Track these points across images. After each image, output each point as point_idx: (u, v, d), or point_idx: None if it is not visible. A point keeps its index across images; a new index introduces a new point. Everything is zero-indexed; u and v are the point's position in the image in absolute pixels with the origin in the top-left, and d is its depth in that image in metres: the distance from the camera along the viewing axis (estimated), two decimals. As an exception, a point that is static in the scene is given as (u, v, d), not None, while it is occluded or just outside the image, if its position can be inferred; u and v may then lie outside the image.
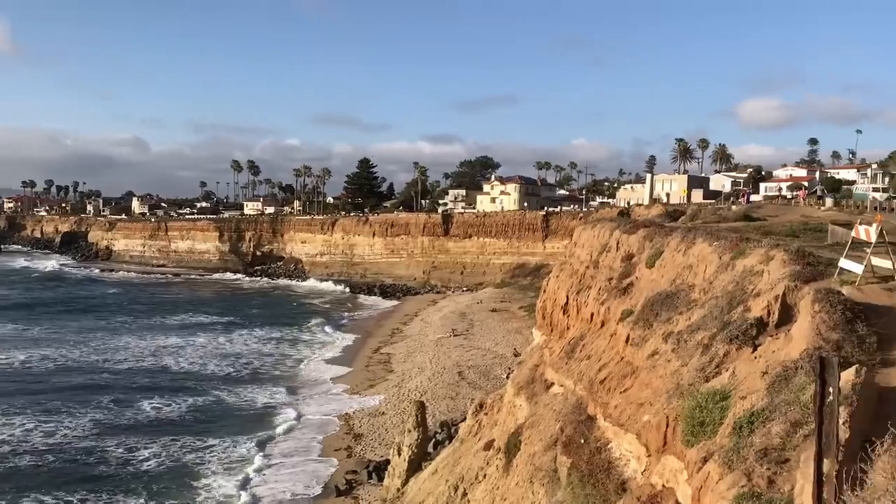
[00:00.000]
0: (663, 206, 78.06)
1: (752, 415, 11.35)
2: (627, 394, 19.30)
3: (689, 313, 19.97)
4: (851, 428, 8.86)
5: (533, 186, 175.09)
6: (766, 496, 8.81)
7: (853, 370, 10.49)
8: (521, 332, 74.08)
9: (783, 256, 18.47)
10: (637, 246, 29.97)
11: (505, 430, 28.10)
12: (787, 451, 9.75)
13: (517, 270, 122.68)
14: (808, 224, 34.68)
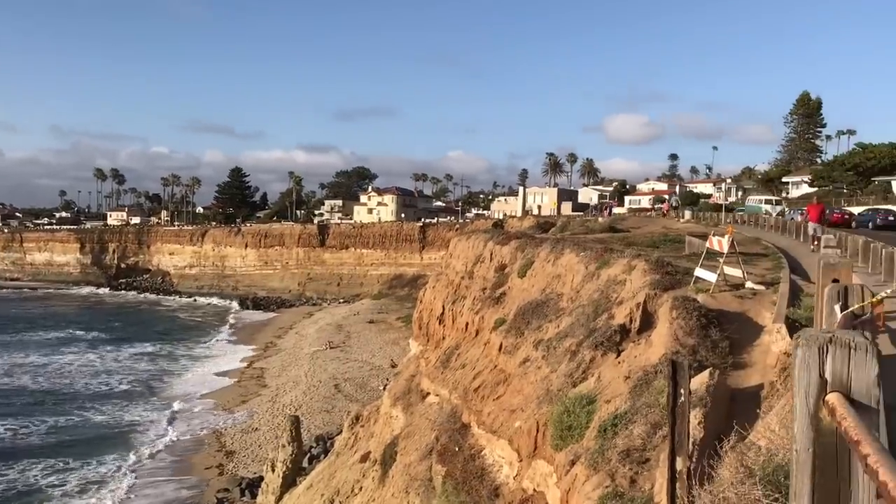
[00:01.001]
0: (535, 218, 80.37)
1: (616, 417, 11.85)
2: (500, 401, 19.69)
3: (558, 321, 20.63)
4: (706, 428, 9.41)
5: (410, 198, 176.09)
6: (628, 495, 9.21)
7: (707, 373, 11.14)
8: (398, 343, 74.14)
9: (644, 266, 19.39)
10: (510, 257, 30.71)
11: (381, 441, 28.05)
12: (648, 452, 10.24)
13: (394, 281, 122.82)
14: (668, 235, 36.54)
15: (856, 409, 2.20)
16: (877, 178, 79.27)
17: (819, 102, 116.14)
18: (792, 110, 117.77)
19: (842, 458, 2.25)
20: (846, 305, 4.63)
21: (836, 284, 5.13)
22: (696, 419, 9.71)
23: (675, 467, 6.46)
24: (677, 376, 6.46)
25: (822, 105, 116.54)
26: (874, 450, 1.73)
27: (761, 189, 72.15)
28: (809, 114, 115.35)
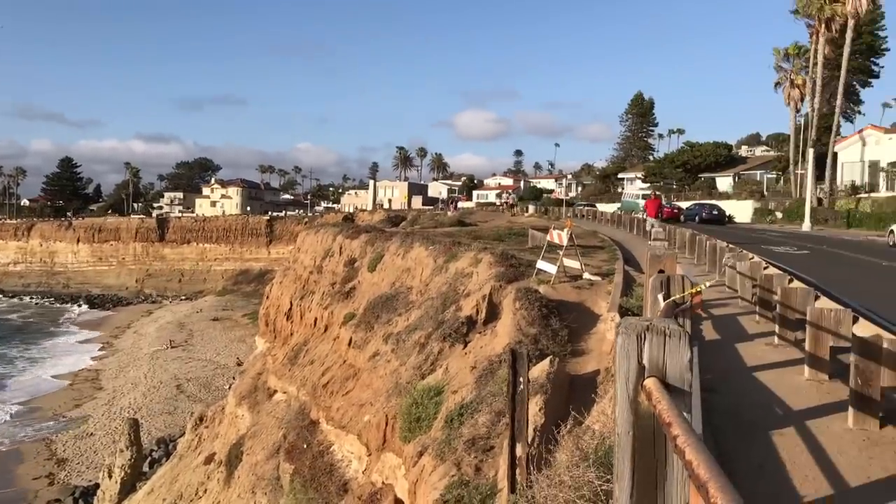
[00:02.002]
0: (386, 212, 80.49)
1: (462, 407, 12.09)
2: (349, 396, 19.61)
3: (408, 314, 20.79)
4: (546, 414, 9.78)
5: (256, 190, 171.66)
6: (473, 483, 9.41)
7: (547, 361, 11.58)
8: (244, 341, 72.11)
9: (490, 259, 19.89)
10: (359, 251, 30.59)
11: (226, 441, 27.22)
12: (493, 439, 10.52)
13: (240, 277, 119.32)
14: (513, 229, 37.66)
15: (670, 393, 2.35)
16: (703, 175, 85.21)
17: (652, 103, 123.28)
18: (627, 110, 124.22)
19: (658, 440, 2.39)
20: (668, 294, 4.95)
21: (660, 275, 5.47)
22: (537, 406, 10.07)
23: (515, 454, 6.66)
24: (517, 365, 6.66)
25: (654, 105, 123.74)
26: (683, 431, 1.84)
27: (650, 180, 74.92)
28: (643, 113, 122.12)
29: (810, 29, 58.81)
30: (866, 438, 6.66)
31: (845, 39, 54.88)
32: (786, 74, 65.10)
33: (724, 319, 13.26)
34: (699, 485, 1.56)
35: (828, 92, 60.49)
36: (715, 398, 7.89)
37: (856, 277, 20.37)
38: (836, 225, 49.99)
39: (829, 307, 8.93)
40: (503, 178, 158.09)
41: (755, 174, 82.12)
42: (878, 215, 46.82)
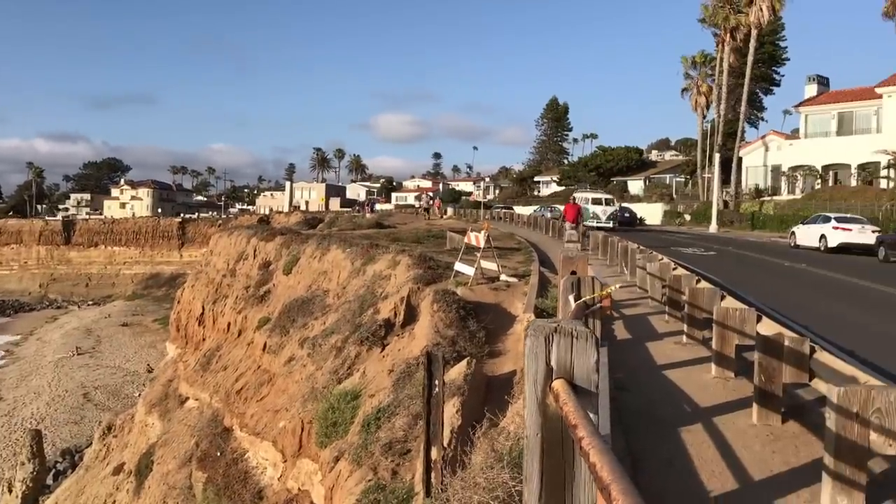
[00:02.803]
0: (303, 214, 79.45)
1: (380, 411, 12.01)
2: (264, 402, 19.24)
3: (325, 318, 20.54)
4: (463, 415, 9.79)
5: (168, 191, 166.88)
6: (389, 487, 9.35)
7: (465, 362, 11.62)
8: (155, 347, 69.92)
9: (408, 261, 19.85)
10: (274, 253, 30.09)
11: (136, 451, 26.32)
12: (410, 443, 10.48)
13: (151, 281, 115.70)
14: (432, 231, 37.71)
15: (578, 395, 2.36)
16: (615, 178, 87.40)
17: (566, 108, 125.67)
18: (542, 114, 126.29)
19: (566, 441, 2.39)
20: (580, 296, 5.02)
21: (571, 276, 5.54)
22: (454, 408, 10.08)
23: (431, 457, 6.63)
24: (432, 368, 6.64)
25: (568, 110, 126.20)
26: (588, 433, 1.84)
27: (592, 186, 75.21)
28: (558, 118, 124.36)
29: (716, 38, 61.04)
30: (770, 433, 6.90)
31: (749, 48, 57.18)
32: (693, 81, 67.39)
33: (636, 319, 13.57)
34: (602, 487, 1.55)
35: (733, 99, 62.86)
36: (626, 397, 8.05)
37: (760, 277, 21.18)
38: (742, 227, 51.98)
39: (735, 307, 9.23)
40: (422, 181, 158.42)
41: (665, 178, 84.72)
42: (780, 217, 48.89)
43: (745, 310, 8.91)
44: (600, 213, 43.68)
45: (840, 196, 48.84)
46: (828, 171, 57.41)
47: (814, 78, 61.71)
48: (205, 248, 57.31)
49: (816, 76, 61.79)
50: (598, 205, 44.50)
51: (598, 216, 43.23)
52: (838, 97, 58.48)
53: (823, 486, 5.20)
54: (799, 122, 62.07)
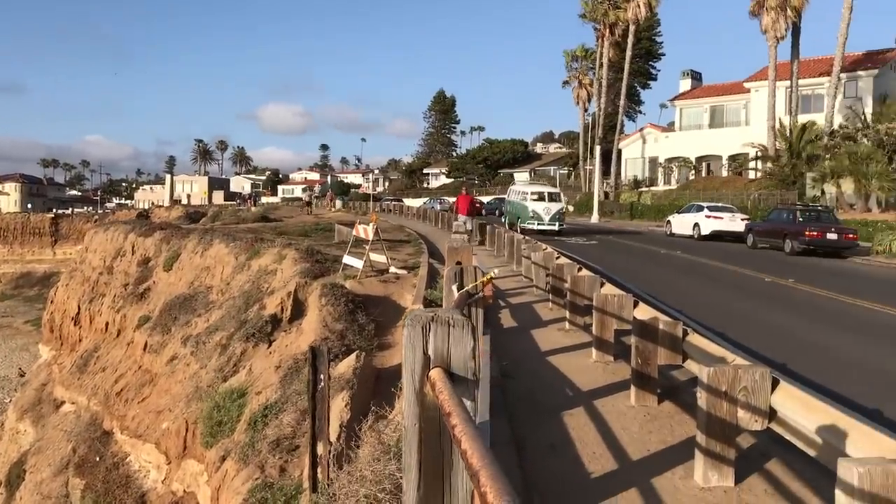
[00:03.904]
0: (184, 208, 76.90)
1: (267, 408, 11.78)
2: (146, 403, 18.54)
3: (208, 315, 19.97)
4: (352, 409, 9.73)
5: (38, 186, 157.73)
6: (277, 485, 9.19)
7: (354, 356, 11.54)
8: (28, 350, 65.98)
9: (295, 255, 19.54)
10: (154, 249, 29.00)
11: (6, 461, 24.85)
12: (298, 439, 10.33)
13: (21, 280, 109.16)
14: (319, 224, 37.27)
15: (455, 383, 2.37)
16: (502, 170, 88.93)
17: (453, 100, 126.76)
18: (430, 107, 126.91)
19: (444, 430, 2.40)
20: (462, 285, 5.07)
21: (453, 266, 5.58)
22: (343, 402, 10.00)
23: (317, 452, 6.56)
24: (317, 362, 6.56)
25: (455, 103, 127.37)
26: (461, 420, 1.85)
27: (537, 181, 74.37)
28: (445, 110, 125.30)
29: (596, 33, 62.93)
30: (647, 414, 7.18)
31: (627, 43, 59.23)
32: (574, 75, 69.30)
33: (522, 307, 13.84)
34: (472, 473, 1.56)
35: (612, 92, 65.02)
36: (512, 383, 8.20)
37: (637, 264, 21.99)
38: (622, 216, 53.89)
39: (613, 293, 9.56)
40: (310, 173, 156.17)
41: (549, 169, 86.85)
42: (657, 207, 50.95)
43: (622, 296, 9.23)
44: (542, 212, 32.53)
45: (712, 186, 51.37)
46: (701, 163, 60.28)
47: (688, 73, 64.58)
48: (80, 245, 54.59)
49: (690, 71, 64.69)
50: (539, 201, 33.24)
51: (538, 216, 32.40)
52: (710, 91, 61.45)
53: (696, 463, 5.46)
54: (674, 116, 64.86)
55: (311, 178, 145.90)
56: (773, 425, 5.24)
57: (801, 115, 46.68)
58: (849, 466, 3.34)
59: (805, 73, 49.00)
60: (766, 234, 28.54)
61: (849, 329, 12.55)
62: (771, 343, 10.89)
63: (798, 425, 4.86)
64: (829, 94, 44.68)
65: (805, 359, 9.87)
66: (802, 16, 46.53)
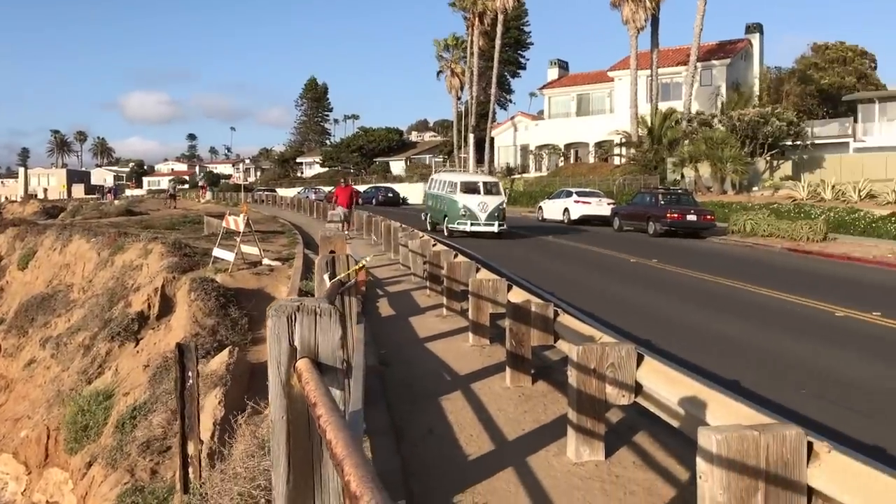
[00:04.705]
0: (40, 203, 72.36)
1: (135, 409, 11.28)
2: (2, 411, 17.38)
3: (69, 314, 18.92)
4: (226, 406, 9.45)
5: None
6: (148, 488, 8.82)
7: (227, 352, 11.21)
8: None
9: (161, 249, 18.76)
10: (7, 247, 27.19)
11: None
12: (169, 440, 9.94)
13: None
14: (188, 216, 35.98)
15: (323, 373, 2.32)
16: (378, 159, 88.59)
17: (326, 88, 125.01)
18: (302, 94, 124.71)
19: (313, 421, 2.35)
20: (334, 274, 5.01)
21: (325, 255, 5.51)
22: (216, 399, 9.71)
23: (188, 452, 6.33)
24: (184, 359, 6.32)
25: (328, 90, 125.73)
26: (326, 410, 1.81)
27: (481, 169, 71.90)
28: (318, 98, 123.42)
29: (466, 21, 63.59)
30: (521, 394, 7.34)
31: (496, 32, 60.16)
32: (447, 64, 69.81)
33: (399, 295, 13.86)
34: (336, 462, 1.52)
35: (484, 81, 65.93)
36: (390, 371, 8.20)
37: (510, 250, 22.44)
38: (496, 203, 54.75)
39: (488, 278, 9.71)
40: (177, 164, 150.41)
41: (425, 158, 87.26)
42: (529, 193, 52.16)
43: (497, 280, 9.39)
44: (476, 209, 25.03)
45: (580, 172, 53.09)
46: (570, 149, 62.18)
47: (555, 62, 66.36)
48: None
49: (557, 60, 66.50)
50: (471, 193, 25.48)
51: (472, 214, 25.02)
52: (576, 80, 63.39)
53: (569, 439, 5.62)
54: (543, 104, 66.51)
55: (179, 168, 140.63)
56: (639, 399, 5.46)
57: (661, 103, 48.90)
58: (707, 434, 3.50)
59: (664, 63, 51.33)
60: (631, 218, 29.79)
61: (708, 305, 13.28)
62: (637, 320, 11.38)
63: (662, 398, 5.08)
64: (686, 82, 47.03)
65: (668, 335, 10.37)
66: (661, 7, 48.71)
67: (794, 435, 3.51)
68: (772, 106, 44.17)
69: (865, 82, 56.25)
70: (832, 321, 11.57)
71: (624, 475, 5.28)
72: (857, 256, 20.77)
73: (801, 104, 49.24)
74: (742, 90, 50.40)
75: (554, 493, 4.94)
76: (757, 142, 40.99)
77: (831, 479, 3.44)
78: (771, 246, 24.05)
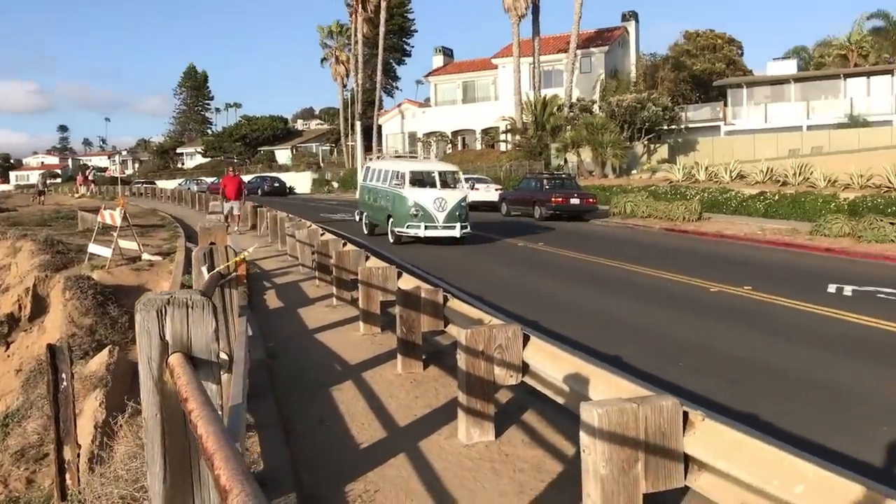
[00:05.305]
0: None
1: (7, 416, 10.68)
2: None
3: (-70, 320, 17.66)
4: (108, 408, 9.06)
5: None
6: (24, 498, 8.36)
7: (106, 351, 10.74)
8: None
9: (32, 247, 17.79)
10: None
11: None
12: (46, 446, 9.45)
13: None
14: (60, 212, 34.19)
15: (197, 367, 2.24)
16: (262, 148, 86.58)
17: (206, 76, 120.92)
18: (181, 83, 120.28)
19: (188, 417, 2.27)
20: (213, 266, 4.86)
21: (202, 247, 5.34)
22: (97, 401, 9.30)
23: (64, 458, 6.03)
24: (56, 361, 6.00)
25: (208, 78, 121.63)
26: (198, 405, 1.75)
27: None
28: (197, 86, 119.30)
29: (349, 8, 62.93)
30: (413, 380, 7.36)
31: (380, 19, 59.82)
32: (331, 51, 68.93)
33: (288, 287, 13.63)
34: (207, 457, 1.48)
35: (369, 68, 65.52)
36: (279, 364, 8.06)
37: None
38: (385, 191, 54.59)
39: (378, 266, 9.67)
40: (47, 157, 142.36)
41: (311, 146, 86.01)
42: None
43: (386, 268, 9.37)
44: (432, 208, 19.42)
45: (468, 159, 53.60)
46: (457, 136, 62.65)
47: (440, 49, 66.58)
48: None
49: (442, 48, 66.75)
50: (423, 186, 20.34)
51: (427, 214, 19.37)
52: (462, 67, 63.87)
53: (459, 422, 5.68)
54: (430, 92, 66.70)
55: (50, 162, 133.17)
56: (527, 379, 5.58)
57: (544, 90, 49.94)
58: (589, 409, 3.61)
59: (546, 50, 52.39)
60: (518, 203, 30.36)
61: (591, 285, 13.70)
62: (525, 302, 11.62)
63: (548, 376, 5.20)
64: (567, 69, 48.18)
65: (555, 314, 10.64)
66: (541, -4, 49.66)
67: (670, 405, 3.66)
68: (648, 92, 45.87)
69: (734, 68, 59.12)
70: (707, 297, 12.17)
71: (513, 454, 5.39)
72: (729, 234, 21.91)
73: (676, 90, 51.30)
74: (620, 77, 52.10)
75: (445, 476, 4.98)
76: (635, 127, 42.48)
77: (706, 446, 3.61)
78: (650, 227, 25.04)
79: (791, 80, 47.57)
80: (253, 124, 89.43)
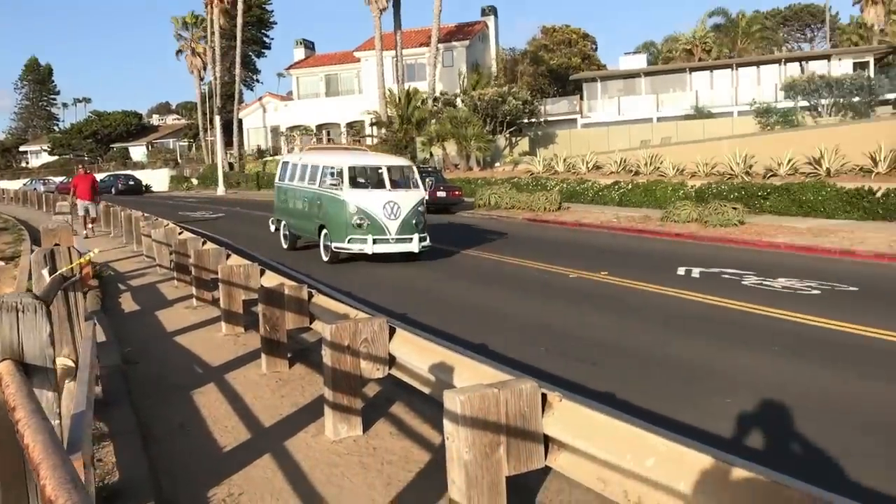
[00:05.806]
0: None
1: None
2: None
3: None
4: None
5: None
6: None
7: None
8: None
9: None
10: None
11: None
12: None
13: None
14: None
15: (30, 375, 2.10)
16: (115, 145, 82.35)
17: (50, 69, 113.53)
18: (22, 76, 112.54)
19: (21, 427, 2.12)
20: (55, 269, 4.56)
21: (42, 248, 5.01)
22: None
23: None
24: None
25: (52, 72, 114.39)
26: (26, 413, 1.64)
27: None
28: (41, 80, 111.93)
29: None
30: (279, 380, 7.22)
31: (237, 10, 58.14)
32: (187, 43, 66.40)
33: (144, 289, 13.05)
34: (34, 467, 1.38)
35: (228, 61, 63.57)
36: (136, 369, 7.71)
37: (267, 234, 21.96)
38: (249, 187, 53.39)
39: (239, 263, 9.40)
40: None
41: (168, 142, 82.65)
42: (282, 176, 51.22)
43: (248, 265, 9.13)
44: (381, 215, 15.16)
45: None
46: (321, 130, 61.83)
47: (301, 42, 65.48)
48: None
49: (303, 40, 65.66)
50: (371, 188, 16.13)
51: (374, 223, 15.12)
52: (324, 60, 63.07)
53: (326, 418, 5.62)
54: (292, 85, 65.50)
55: None
56: (394, 371, 5.58)
57: (408, 83, 50.09)
58: (452, 396, 3.65)
59: (408, 44, 52.57)
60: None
61: (457, 276, 13.91)
62: (391, 295, 11.65)
63: (414, 367, 5.22)
64: (429, 63, 48.54)
65: (422, 306, 10.72)
66: (402, -11, 49.73)
67: (529, 388, 3.76)
68: (508, 86, 46.96)
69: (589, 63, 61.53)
70: (567, 282, 12.61)
71: (381, 447, 5.39)
72: (587, 222, 22.79)
73: (535, 83, 52.85)
74: (481, 71, 53.03)
75: (312, 474, 4.92)
76: (497, 120, 43.39)
77: (564, 427, 3.73)
78: (513, 217, 25.67)
79: (642, 74, 49.99)
80: (104, 120, 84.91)
